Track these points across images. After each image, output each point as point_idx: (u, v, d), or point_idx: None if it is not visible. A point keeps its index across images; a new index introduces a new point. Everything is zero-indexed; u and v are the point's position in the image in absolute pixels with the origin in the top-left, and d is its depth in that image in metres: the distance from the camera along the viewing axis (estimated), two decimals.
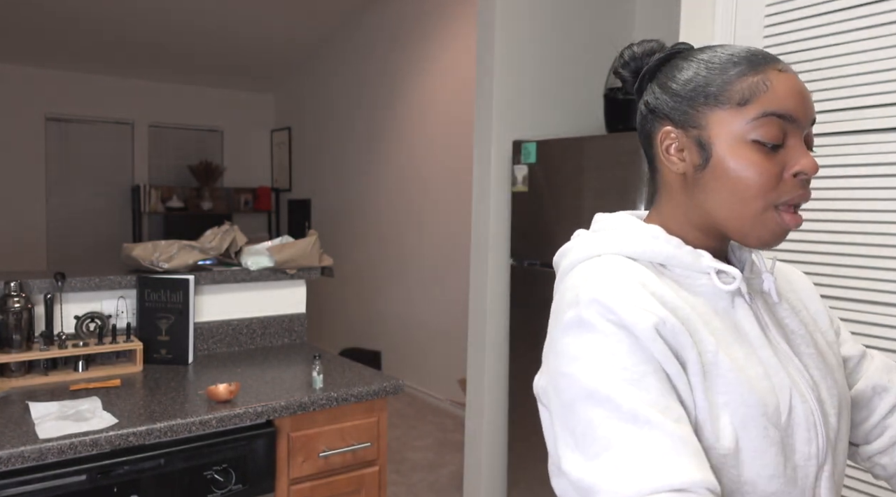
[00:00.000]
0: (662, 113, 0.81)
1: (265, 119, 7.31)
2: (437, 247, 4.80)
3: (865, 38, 1.56)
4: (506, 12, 2.78)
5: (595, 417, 0.67)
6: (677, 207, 0.82)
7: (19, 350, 1.81)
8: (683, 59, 0.81)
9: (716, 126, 0.76)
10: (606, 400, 0.67)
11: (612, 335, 0.70)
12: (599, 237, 0.81)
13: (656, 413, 0.66)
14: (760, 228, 0.75)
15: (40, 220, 6.16)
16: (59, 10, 5.09)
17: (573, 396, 0.69)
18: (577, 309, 0.72)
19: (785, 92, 0.74)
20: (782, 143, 0.74)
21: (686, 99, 0.78)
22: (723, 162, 0.75)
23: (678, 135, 0.79)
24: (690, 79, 0.78)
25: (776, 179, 0.74)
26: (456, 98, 4.59)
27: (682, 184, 0.80)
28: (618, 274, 0.74)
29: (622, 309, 0.70)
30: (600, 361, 0.69)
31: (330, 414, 1.78)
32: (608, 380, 0.68)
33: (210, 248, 2.20)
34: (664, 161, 0.81)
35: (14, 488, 1.36)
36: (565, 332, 0.73)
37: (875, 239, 1.55)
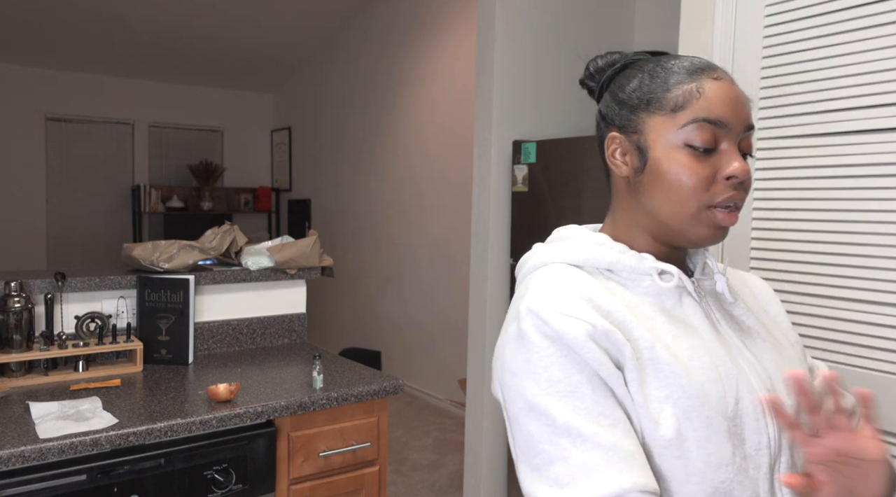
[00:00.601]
0: (610, 120, 0.86)
1: (265, 119, 7.31)
2: (438, 246, 4.80)
3: (865, 38, 1.56)
4: (505, 12, 2.78)
5: (535, 431, 0.73)
6: (625, 211, 0.87)
7: (19, 350, 1.81)
8: (633, 69, 0.86)
9: (652, 131, 0.81)
10: (543, 414, 0.72)
11: (546, 349, 0.74)
12: (551, 248, 0.87)
13: (589, 423, 0.71)
14: (697, 227, 0.80)
15: (40, 220, 6.16)
16: (59, 10, 5.09)
17: (517, 410, 0.75)
18: (517, 321, 0.78)
19: (717, 99, 0.78)
20: (714, 147, 0.79)
21: (629, 106, 0.84)
22: (658, 165, 0.80)
23: (622, 140, 0.85)
24: (635, 87, 0.84)
25: (708, 182, 0.78)
26: (456, 98, 4.59)
27: (627, 187, 0.85)
28: (557, 283, 0.79)
29: (554, 320, 0.75)
30: (536, 376, 0.74)
31: (330, 414, 1.78)
32: (543, 394, 0.73)
33: (210, 248, 2.20)
34: (611, 165, 0.86)
35: (14, 488, 1.36)
36: (508, 345, 0.78)
37: (875, 239, 1.55)
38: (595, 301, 0.78)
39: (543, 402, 0.73)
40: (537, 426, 0.73)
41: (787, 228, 1.71)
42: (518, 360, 0.76)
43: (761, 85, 1.76)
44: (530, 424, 0.73)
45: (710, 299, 0.87)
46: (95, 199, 6.45)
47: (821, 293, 1.64)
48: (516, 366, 0.76)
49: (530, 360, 0.75)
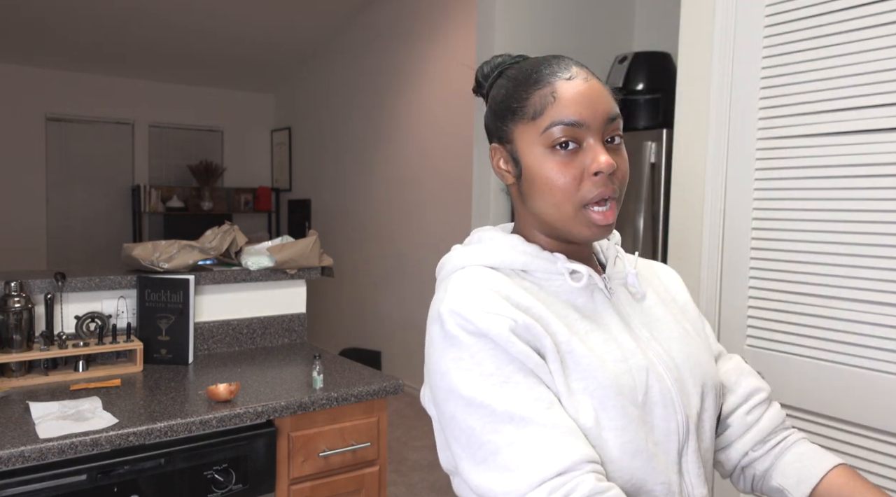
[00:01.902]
0: (489, 130, 0.89)
1: (265, 119, 7.31)
2: (438, 246, 4.80)
3: (865, 38, 1.56)
4: (505, 12, 2.78)
5: (476, 425, 0.74)
6: (522, 216, 0.90)
7: (20, 350, 1.81)
8: (502, 78, 0.88)
9: (520, 139, 0.84)
10: (481, 406, 0.74)
11: (474, 345, 0.76)
12: (468, 250, 0.89)
13: (528, 407, 0.73)
14: (578, 227, 0.82)
15: (40, 220, 6.16)
16: (59, 10, 5.09)
17: (453, 408, 0.76)
18: (439, 323, 0.79)
19: (570, 100, 0.80)
20: (579, 146, 0.80)
21: (499, 116, 0.86)
22: (531, 171, 0.83)
23: (500, 150, 0.87)
24: (502, 97, 0.86)
25: (577, 181, 0.80)
26: (455, 97, 4.59)
27: (516, 194, 0.88)
28: (474, 284, 0.81)
29: (477, 318, 0.77)
30: (468, 372, 0.75)
31: (330, 414, 1.78)
32: (479, 387, 0.74)
33: (210, 248, 2.20)
34: (497, 175, 0.89)
35: (14, 488, 1.36)
36: (434, 347, 0.80)
37: (875, 239, 1.55)
38: (513, 299, 0.80)
39: (480, 395, 0.74)
40: (477, 419, 0.74)
41: (787, 228, 1.71)
42: (447, 360, 0.77)
43: (761, 85, 1.76)
44: (469, 419, 0.75)
45: (621, 292, 0.90)
46: (95, 199, 6.44)
47: (821, 293, 1.64)
48: (445, 365, 0.77)
49: (460, 357, 0.76)
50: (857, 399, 1.57)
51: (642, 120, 2.55)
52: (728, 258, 1.84)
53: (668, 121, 2.47)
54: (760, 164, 1.76)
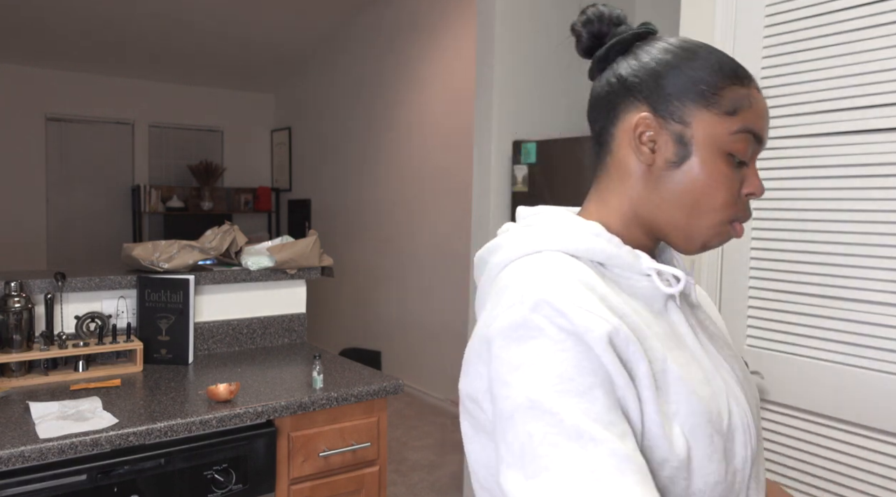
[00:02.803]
0: (641, 94, 0.75)
1: (265, 119, 7.31)
2: (437, 246, 4.80)
3: (865, 38, 1.56)
4: (505, 12, 2.78)
5: (536, 432, 0.61)
6: (626, 198, 0.77)
7: (20, 350, 1.81)
8: (668, 44, 0.76)
9: (701, 127, 0.73)
10: (549, 413, 0.61)
11: (561, 342, 0.64)
12: (536, 232, 0.75)
13: (601, 429, 0.61)
14: (712, 238, 0.75)
15: (40, 220, 6.16)
16: (59, 10, 5.09)
17: (513, 407, 0.63)
18: (520, 311, 0.66)
19: (761, 113, 0.74)
20: (747, 162, 0.74)
21: (677, 88, 0.74)
22: (698, 166, 0.73)
23: (655, 124, 0.74)
24: (680, 67, 0.74)
25: (736, 196, 0.74)
26: (455, 98, 4.59)
27: (644, 176, 0.76)
28: (564, 274, 0.69)
29: (574, 313, 0.65)
30: (545, 370, 0.63)
31: (330, 414, 1.78)
32: (552, 391, 0.62)
33: (210, 248, 2.20)
34: (633, 147, 0.75)
35: (15, 488, 1.36)
36: (506, 337, 0.66)
37: (875, 239, 1.55)
38: (608, 300, 0.69)
39: (550, 400, 0.61)
40: (539, 426, 0.61)
41: (787, 228, 1.71)
42: (522, 352, 0.64)
43: (761, 85, 1.76)
44: (530, 423, 0.61)
45: (684, 304, 0.81)
46: (95, 199, 6.45)
47: (821, 293, 1.64)
48: (518, 358, 0.64)
49: (539, 352, 0.64)
50: (857, 399, 1.57)
51: None
52: (728, 258, 1.84)
53: None
54: (761, 164, 1.76)
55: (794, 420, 1.69)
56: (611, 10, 0.79)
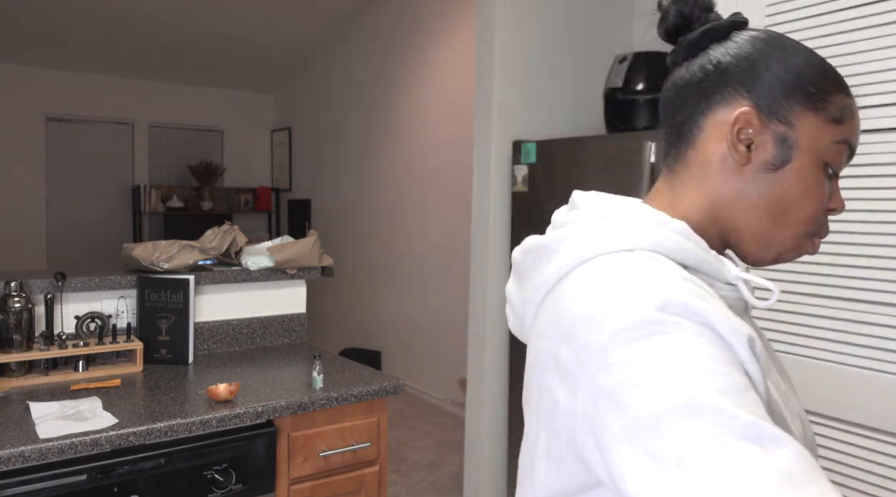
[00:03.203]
0: (742, 86, 0.67)
1: (265, 119, 7.31)
2: (437, 246, 4.80)
3: (866, 38, 1.56)
4: (505, 12, 2.78)
5: (700, 434, 0.49)
6: (706, 197, 0.70)
7: (20, 350, 1.81)
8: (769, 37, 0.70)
9: (807, 132, 0.66)
10: (714, 410, 0.50)
11: (704, 335, 0.54)
12: (623, 226, 0.65)
13: (775, 428, 0.49)
14: (788, 250, 0.69)
15: (40, 220, 6.16)
16: (59, 9, 5.09)
17: (659, 410, 0.51)
18: (642, 309, 0.56)
19: (858, 126, 0.69)
20: (838, 175, 0.69)
21: (782, 86, 0.67)
22: (796, 172, 0.66)
23: (757, 121, 0.67)
24: (794, 66, 0.67)
25: (824, 209, 0.69)
26: (455, 98, 4.59)
27: (733, 175, 0.68)
28: (676, 276, 0.59)
29: (712, 314, 0.56)
30: (694, 364, 0.52)
31: (330, 414, 1.78)
32: (709, 387, 0.51)
33: (210, 248, 2.20)
34: (728, 142, 0.67)
35: (15, 488, 1.36)
36: (628, 338, 0.55)
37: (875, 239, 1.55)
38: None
39: (711, 396, 0.50)
40: (703, 427, 0.49)
41: None
42: (656, 349, 0.54)
43: None
44: (690, 426, 0.49)
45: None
46: (95, 199, 6.45)
47: (821, 293, 1.64)
48: (653, 355, 0.53)
49: (682, 346, 0.53)
50: (857, 399, 1.57)
51: (642, 120, 2.55)
52: None
53: None
54: None
55: None
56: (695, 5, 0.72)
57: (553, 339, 0.62)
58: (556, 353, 0.61)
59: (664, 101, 0.74)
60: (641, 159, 2.34)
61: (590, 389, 0.56)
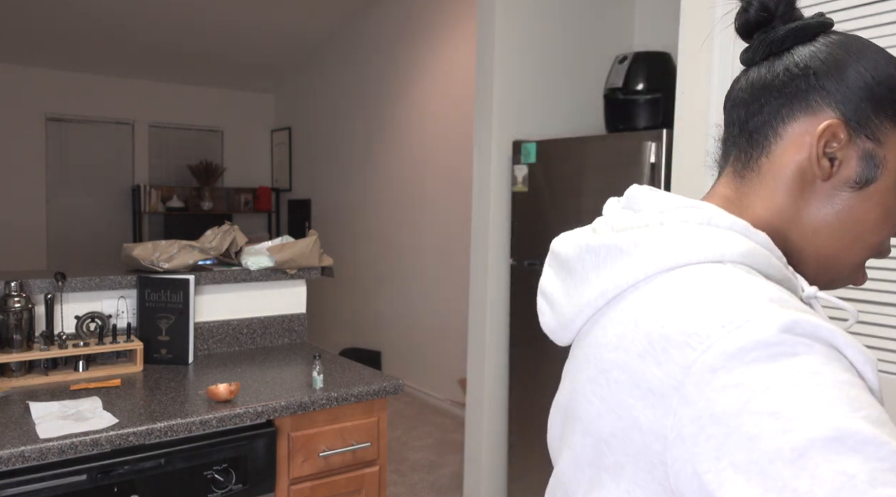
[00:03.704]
0: (831, 96, 0.62)
1: (265, 119, 7.31)
2: (437, 247, 4.80)
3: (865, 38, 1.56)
4: (505, 13, 2.78)
5: (858, 469, 0.43)
6: (776, 209, 0.64)
7: (20, 350, 1.81)
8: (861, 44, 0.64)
9: (894, 150, 0.62)
10: (872, 443, 0.44)
11: (839, 361, 0.49)
12: (710, 235, 0.59)
13: None
14: (844, 277, 0.65)
15: (40, 220, 6.16)
16: (59, 10, 5.09)
17: (804, 442, 0.45)
18: (764, 329, 0.49)
19: None
20: None
21: (872, 99, 0.61)
22: (879, 195, 0.62)
23: (845, 135, 0.61)
24: (884, 78, 0.62)
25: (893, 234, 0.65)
26: (455, 98, 4.59)
27: (810, 190, 0.63)
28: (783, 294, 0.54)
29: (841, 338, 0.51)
30: (836, 392, 0.46)
31: (330, 414, 1.78)
32: (859, 416, 0.45)
33: (210, 248, 2.20)
34: (812, 155, 0.62)
35: (15, 488, 1.36)
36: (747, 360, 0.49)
37: None
38: None
39: (866, 428, 0.44)
40: (860, 462, 0.43)
41: None
42: (789, 373, 0.48)
43: None
44: (844, 461, 0.43)
45: None
46: (95, 199, 6.45)
47: None
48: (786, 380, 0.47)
49: (818, 371, 0.48)
50: None
51: (642, 120, 2.55)
52: None
53: (668, 121, 2.47)
54: None
55: None
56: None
57: (632, 354, 0.56)
58: (639, 371, 0.55)
59: (737, 101, 0.68)
60: (641, 159, 2.34)
61: (692, 413, 0.50)
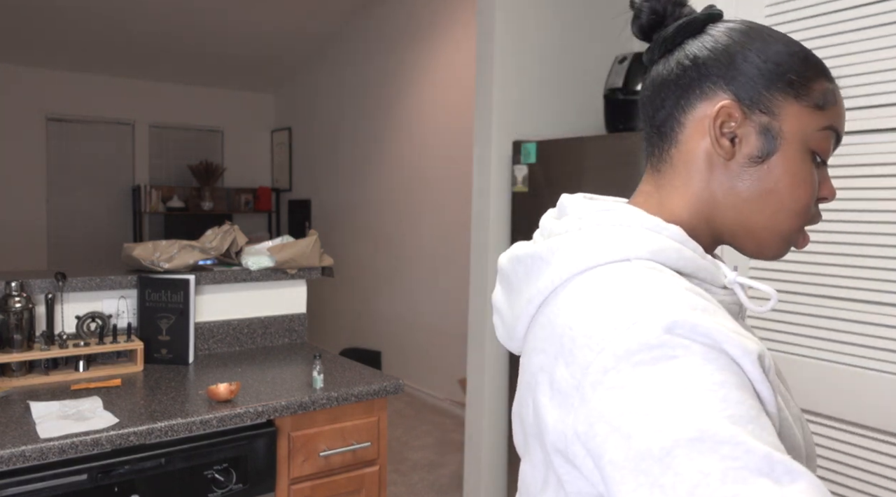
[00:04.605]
0: (721, 79, 0.66)
1: (265, 119, 7.31)
2: (437, 246, 4.80)
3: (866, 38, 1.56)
4: (505, 13, 2.78)
5: (713, 468, 0.47)
6: (693, 197, 0.68)
7: (20, 350, 1.81)
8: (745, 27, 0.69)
9: (791, 121, 0.65)
10: (728, 443, 0.47)
11: (715, 360, 0.52)
12: (619, 235, 0.63)
13: (788, 458, 0.48)
14: (782, 246, 0.68)
15: (40, 220, 6.16)
16: (59, 10, 5.09)
17: (670, 442, 0.48)
18: (649, 331, 0.53)
19: (843, 112, 0.68)
20: (825, 162, 0.68)
21: (762, 76, 0.65)
22: (784, 163, 0.65)
23: (741, 111, 0.65)
24: (772, 55, 0.66)
25: (815, 199, 0.67)
26: (455, 98, 4.59)
27: (720, 172, 0.67)
28: (679, 288, 0.57)
29: (721, 333, 0.53)
30: (706, 393, 0.50)
31: (330, 414, 1.78)
32: (723, 417, 0.49)
33: (210, 248, 2.20)
34: (711, 138, 0.66)
35: (15, 488, 1.36)
36: (633, 362, 0.53)
37: (875, 239, 1.55)
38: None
39: (726, 428, 0.48)
40: (717, 461, 0.47)
41: None
42: (666, 377, 0.51)
43: None
44: (702, 460, 0.47)
45: None
46: (95, 199, 6.45)
47: (821, 293, 1.64)
48: (663, 384, 0.51)
49: (692, 373, 0.51)
50: (857, 399, 1.57)
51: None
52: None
53: None
54: None
55: None
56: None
57: (549, 355, 0.59)
58: (552, 371, 0.58)
59: (643, 101, 0.72)
60: (641, 159, 2.33)
61: (586, 411, 0.54)
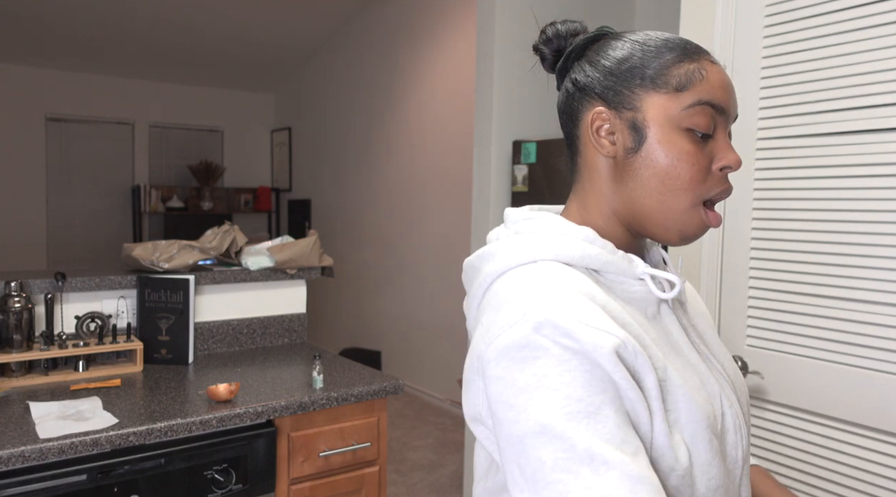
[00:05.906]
0: (594, 92, 0.76)
1: (265, 119, 7.31)
2: (438, 246, 4.80)
3: (866, 38, 1.56)
4: (505, 13, 2.78)
5: (547, 458, 0.60)
6: (601, 197, 0.77)
7: (20, 350, 1.81)
8: (616, 39, 0.77)
9: (651, 109, 0.73)
10: (559, 437, 0.60)
11: (566, 362, 0.62)
12: (529, 241, 0.74)
13: (613, 450, 0.60)
14: (685, 224, 0.73)
15: (40, 220, 6.16)
16: (59, 10, 5.09)
17: (522, 432, 0.62)
18: (522, 330, 0.64)
19: (717, 83, 0.73)
20: (712, 134, 0.73)
21: (621, 78, 0.74)
22: (656, 148, 0.72)
23: (610, 116, 0.75)
24: (626, 58, 0.75)
25: (705, 172, 0.72)
26: (456, 98, 4.59)
27: (612, 170, 0.76)
28: (564, 287, 0.67)
29: (579, 331, 0.63)
30: (552, 392, 0.61)
31: (330, 414, 1.78)
32: (561, 414, 0.61)
33: (210, 248, 2.20)
34: (593, 143, 0.76)
35: (15, 488, 1.36)
36: (508, 358, 0.64)
37: (875, 239, 1.55)
38: (610, 311, 0.68)
39: (561, 424, 0.60)
40: (550, 451, 0.60)
41: (787, 228, 1.71)
42: (526, 375, 0.63)
43: (761, 85, 1.76)
44: (540, 449, 0.60)
45: (675, 304, 0.80)
46: (95, 199, 6.45)
47: (821, 293, 1.64)
48: (523, 381, 0.63)
49: (546, 374, 0.62)
50: (857, 399, 1.57)
51: None
52: (728, 258, 1.84)
53: None
54: (760, 164, 1.76)
55: (794, 420, 1.69)
56: (567, 26, 0.82)
57: (476, 349, 0.70)
58: (472, 361, 0.70)
59: (560, 121, 0.82)
60: None
61: (485, 395, 0.67)
